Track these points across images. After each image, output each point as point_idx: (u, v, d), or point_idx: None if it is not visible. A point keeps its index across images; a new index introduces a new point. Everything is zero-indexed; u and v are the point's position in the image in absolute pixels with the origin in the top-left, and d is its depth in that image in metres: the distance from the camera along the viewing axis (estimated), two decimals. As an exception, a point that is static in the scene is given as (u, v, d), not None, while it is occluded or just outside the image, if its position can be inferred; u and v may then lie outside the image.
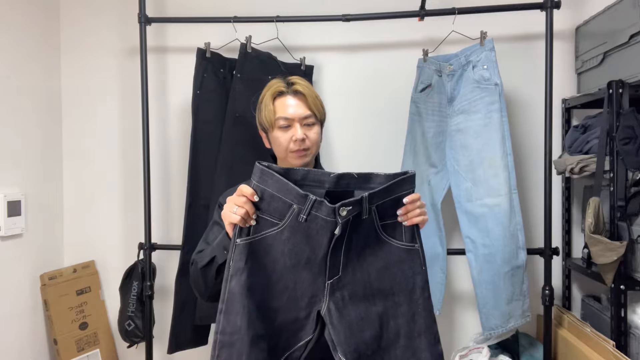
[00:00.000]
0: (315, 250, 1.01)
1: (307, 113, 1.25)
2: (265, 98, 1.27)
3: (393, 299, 1.06)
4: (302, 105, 1.25)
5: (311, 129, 1.26)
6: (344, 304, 1.03)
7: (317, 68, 2.09)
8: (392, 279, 1.05)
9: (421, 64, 1.92)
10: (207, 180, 1.91)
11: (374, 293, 1.05)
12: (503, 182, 1.76)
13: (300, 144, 1.23)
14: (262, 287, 1.02)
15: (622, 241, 1.51)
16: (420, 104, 1.91)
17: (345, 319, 1.02)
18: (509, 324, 1.75)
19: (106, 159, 2.23)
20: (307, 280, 1.03)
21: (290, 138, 1.23)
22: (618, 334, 1.56)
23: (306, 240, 1.01)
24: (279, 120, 1.24)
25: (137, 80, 2.08)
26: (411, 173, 1.04)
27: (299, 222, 0.99)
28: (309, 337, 1.04)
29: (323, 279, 1.03)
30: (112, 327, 2.22)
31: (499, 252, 1.75)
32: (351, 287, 1.04)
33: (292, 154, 1.24)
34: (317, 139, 1.28)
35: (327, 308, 1.02)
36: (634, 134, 1.52)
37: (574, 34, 2.01)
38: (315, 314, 1.04)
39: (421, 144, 1.91)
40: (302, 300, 1.03)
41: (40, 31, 2.11)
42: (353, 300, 1.04)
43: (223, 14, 2.00)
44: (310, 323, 1.04)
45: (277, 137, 1.25)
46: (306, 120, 1.25)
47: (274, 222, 1.01)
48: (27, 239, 2.00)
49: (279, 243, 1.02)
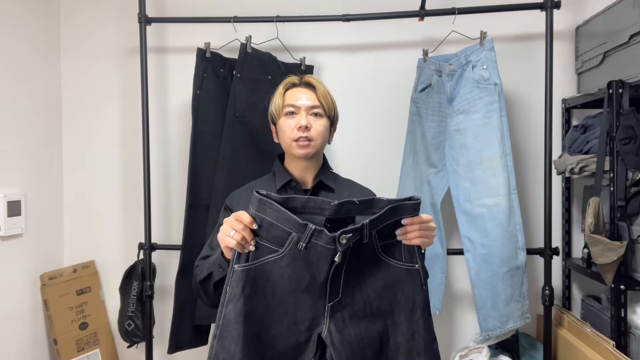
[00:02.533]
0: (315, 277, 1.01)
1: (315, 103, 1.27)
2: (278, 89, 1.32)
3: (393, 318, 1.07)
4: (311, 95, 1.28)
5: (317, 120, 1.27)
6: (344, 324, 1.03)
7: (317, 68, 2.09)
8: (392, 298, 1.06)
9: (421, 64, 1.92)
10: (207, 180, 1.91)
11: (373, 312, 1.06)
12: (502, 182, 1.76)
13: (303, 131, 1.23)
14: (261, 313, 1.02)
15: (622, 241, 1.51)
16: (420, 104, 1.91)
17: (346, 339, 1.03)
18: (508, 325, 1.75)
19: (106, 159, 2.23)
20: (307, 304, 1.03)
21: (295, 125, 1.25)
22: (618, 334, 1.56)
23: (306, 267, 1.01)
24: (286, 107, 1.27)
25: (137, 80, 2.08)
26: (416, 200, 1.03)
27: (299, 249, 0.99)
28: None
29: (323, 302, 1.03)
30: (112, 327, 2.22)
31: (498, 252, 1.75)
32: (351, 308, 1.04)
33: (295, 143, 1.25)
34: (323, 131, 1.27)
35: (327, 330, 1.03)
36: (634, 134, 1.52)
37: (574, 34, 2.01)
38: (316, 337, 1.04)
39: (421, 144, 1.91)
40: (302, 325, 1.04)
41: (40, 31, 2.11)
42: (353, 320, 1.04)
43: (223, 14, 2.00)
44: (311, 347, 1.04)
45: (282, 125, 1.27)
46: (313, 109, 1.26)
47: (273, 248, 1.01)
48: (27, 239, 2.00)
49: (279, 269, 1.01)
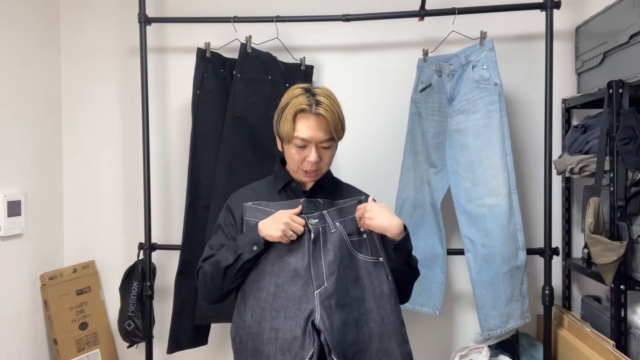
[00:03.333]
0: (297, 260, 1.18)
1: (326, 137, 1.22)
2: (287, 111, 1.21)
3: (365, 306, 1.20)
4: (322, 128, 1.21)
5: (326, 152, 1.25)
6: (331, 311, 1.14)
7: (317, 68, 2.09)
8: (363, 288, 1.21)
9: (421, 64, 1.92)
10: (207, 180, 1.91)
11: (351, 301, 1.19)
12: (502, 182, 1.75)
13: (312, 166, 1.23)
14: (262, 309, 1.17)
15: (622, 241, 1.51)
16: (420, 104, 1.91)
17: (333, 325, 1.13)
18: (508, 324, 1.75)
19: (106, 159, 2.23)
20: (298, 295, 1.16)
21: (304, 158, 1.22)
22: (618, 334, 1.56)
23: (288, 251, 1.19)
24: (296, 139, 1.21)
25: (137, 80, 2.08)
26: (364, 197, 1.29)
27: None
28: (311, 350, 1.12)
29: (312, 289, 1.16)
30: (112, 327, 2.22)
31: (498, 252, 1.75)
32: (335, 296, 1.16)
33: (303, 172, 1.25)
34: (330, 158, 1.28)
35: (320, 316, 1.13)
36: (634, 134, 1.52)
37: (574, 34, 2.01)
38: (311, 326, 1.13)
39: (421, 144, 1.91)
40: (297, 318, 1.14)
41: (40, 31, 2.11)
42: (337, 308, 1.16)
43: (223, 14, 2.00)
44: (308, 339, 1.13)
45: (292, 154, 1.24)
46: (323, 143, 1.23)
47: None
48: (27, 239, 2.00)
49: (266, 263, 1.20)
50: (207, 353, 2.12)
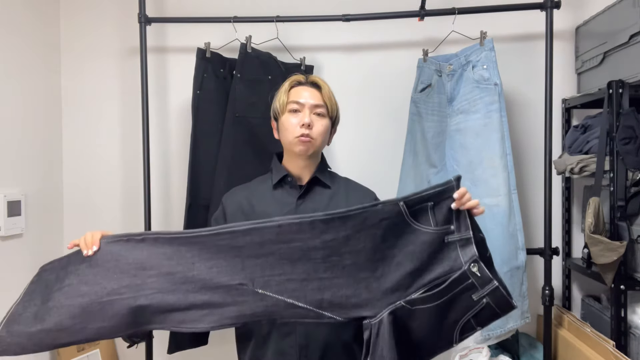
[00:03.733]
0: (424, 271, 1.09)
1: (319, 103, 1.28)
2: (283, 86, 1.32)
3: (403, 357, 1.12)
4: (316, 95, 1.28)
5: (320, 120, 1.28)
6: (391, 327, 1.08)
7: (317, 68, 2.09)
8: (419, 349, 1.14)
9: (421, 64, 1.92)
10: (207, 180, 1.91)
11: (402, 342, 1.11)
12: (502, 182, 1.75)
13: (306, 128, 1.24)
14: (363, 246, 1.09)
15: (622, 241, 1.51)
16: (420, 104, 1.91)
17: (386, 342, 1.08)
18: (508, 324, 1.75)
19: (106, 159, 2.23)
20: (390, 284, 1.09)
21: (298, 122, 1.25)
22: (618, 334, 1.56)
23: (429, 256, 1.09)
24: (290, 104, 1.27)
25: (137, 80, 2.08)
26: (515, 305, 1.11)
27: (443, 241, 1.09)
28: (338, 318, 1.08)
29: (399, 296, 1.09)
30: (112, 327, 2.22)
31: (498, 252, 1.74)
32: (405, 327, 1.10)
33: (297, 139, 1.25)
34: (323, 131, 1.28)
35: (380, 321, 1.08)
36: (634, 134, 1.52)
37: (574, 34, 2.01)
38: (362, 315, 1.09)
39: (421, 144, 1.91)
40: (367, 292, 1.09)
41: (40, 31, 2.11)
42: (398, 336, 1.09)
43: (223, 14, 2.00)
44: (350, 313, 1.08)
45: (285, 121, 1.27)
46: (317, 109, 1.27)
47: (430, 221, 1.10)
48: (27, 239, 2.00)
49: (410, 240, 1.10)
50: (207, 353, 2.12)
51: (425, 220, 1.08)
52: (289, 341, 1.20)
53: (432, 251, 1.07)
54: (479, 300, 1.05)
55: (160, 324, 1.12)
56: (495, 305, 1.06)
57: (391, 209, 1.06)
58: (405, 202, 1.07)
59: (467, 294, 1.05)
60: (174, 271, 1.10)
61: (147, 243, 1.11)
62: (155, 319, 1.12)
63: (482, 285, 1.05)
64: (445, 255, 1.07)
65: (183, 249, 1.10)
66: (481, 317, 1.08)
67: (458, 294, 1.05)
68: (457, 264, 1.06)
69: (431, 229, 1.07)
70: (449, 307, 1.07)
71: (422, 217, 1.08)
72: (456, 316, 1.07)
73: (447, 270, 1.06)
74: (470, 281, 1.05)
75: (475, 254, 1.05)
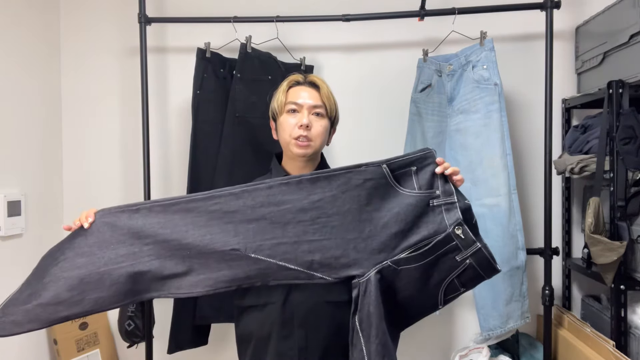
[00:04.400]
0: (409, 232, 1.13)
1: (318, 103, 1.26)
2: (282, 86, 1.31)
3: (392, 317, 1.16)
4: (314, 95, 1.27)
5: (318, 120, 1.26)
6: (380, 287, 1.13)
7: (317, 68, 2.09)
8: (406, 309, 1.19)
9: (421, 64, 1.92)
10: (207, 180, 1.91)
11: (392, 303, 1.16)
12: (502, 182, 1.75)
13: (304, 129, 1.23)
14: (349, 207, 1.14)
15: (622, 241, 1.51)
16: (420, 104, 1.91)
17: (374, 299, 1.12)
18: (508, 325, 1.75)
19: (106, 159, 2.23)
20: (377, 245, 1.13)
21: (296, 123, 1.24)
22: (618, 334, 1.56)
23: (415, 218, 1.13)
24: (288, 105, 1.26)
25: (137, 80, 2.08)
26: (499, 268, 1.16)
27: (428, 204, 1.13)
28: (328, 278, 1.13)
29: (386, 256, 1.13)
30: (112, 327, 2.22)
31: (498, 252, 1.73)
32: (393, 286, 1.15)
33: (295, 141, 1.24)
34: (322, 132, 1.27)
35: (367, 280, 1.12)
36: (634, 134, 1.52)
37: (574, 34, 2.01)
38: (351, 274, 1.13)
39: (421, 144, 1.91)
40: (355, 252, 1.13)
41: (40, 31, 2.11)
42: (384, 293, 1.14)
43: (223, 14, 2.00)
44: (340, 273, 1.13)
45: (283, 122, 1.26)
46: (315, 109, 1.26)
47: (413, 185, 1.14)
48: (27, 239, 2.00)
49: (396, 203, 1.14)
50: (207, 353, 2.12)
51: (409, 184, 1.13)
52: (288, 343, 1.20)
53: (417, 214, 1.12)
54: (463, 261, 1.11)
55: (158, 291, 1.14)
56: (478, 266, 1.11)
57: (374, 170, 1.12)
58: (387, 164, 1.12)
59: (451, 255, 1.11)
60: (169, 239, 1.12)
61: (142, 213, 1.13)
62: (153, 287, 1.14)
63: (466, 247, 1.10)
64: (430, 218, 1.12)
65: (177, 217, 1.12)
66: (465, 277, 1.13)
67: (442, 255, 1.11)
68: (442, 226, 1.11)
69: (415, 192, 1.13)
70: (434, 268, 1.12)
71: (407, 181, 1.13)
72: (440, 276, 1.12)
73: (432, 233, 1.11)
74: (455, 243, 1.10)
75: (459, 218, 1.10)
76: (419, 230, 1.12)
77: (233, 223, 1.12)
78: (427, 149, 1.14)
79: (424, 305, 1.17)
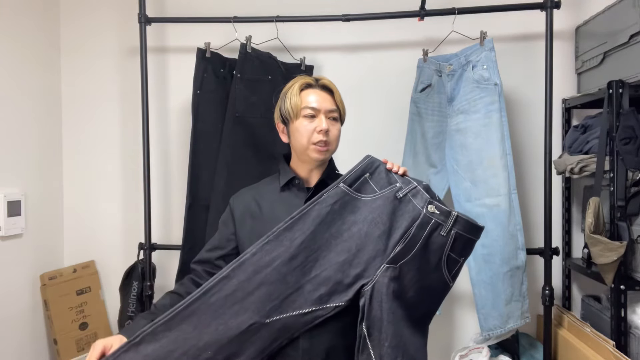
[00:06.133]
0: (391, 230, 1.15)
1: (333, 107, 1.26)
2: (293, 88, 1.27)
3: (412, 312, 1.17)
4: (328, 99, 1.26)
5: (335, 125, 1.26)
6: (387, 291, 1.12)
7: (317, 68, 2.09)
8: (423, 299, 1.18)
9: (421, 64, 1.92)
10: (207, 180, 1.91)
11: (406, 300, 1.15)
12: (502, 182, 1.75)
13: (324, 135, 1.22)
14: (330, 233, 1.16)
15: (622, 241, 1.51)
16: (420, 104, 1.91)
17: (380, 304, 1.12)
18: (508, 324, 1.75)
19: (106, 159, 2.23)
20: (369, 254, 1.14)
21: (314, 129, 1.23)
22: (618, 334, 1.56)
23: (390, 216, 1.16)
24: (305, 109, 1.23)
25: (137, 80, 2.08)
26: (482, 225, 1.18)
27: (396, 197, 1.17)
28: (341, 303, 1.13)
29: (381, 260, 1.14)
30: (112, 327, 2.22)
31: (498, 252, 1.74)
32: (398, 282, 1.13)
33: (314, 146, 1.23)
34: (338, 136, 1.28)
35: (372, 286, 1.12)
36: (634, 134, 1.52)
37: (574, 34, 2.01)
38: (359, 286, 1.13)
39: (421, 144, 1.91)
40: (354, 268, 1.14)
41: (40, 32, 2.11)
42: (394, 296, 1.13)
43: (223, 14, 2.00)
44: (349, 293, 1.13)
45: (300, 127, 1.24)
46: (331, 114, 1.25)
47: (374, 189, 1.19)
48: (27, 239, 2.00)
49: (367, 210, 1.17)
50: (207, 353, 2.12)
51: (370, 190, 1.19)
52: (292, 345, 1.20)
53: (390, 211, 1.16)
54: (448, 234, 1.14)
55: None
56: (464, 232, 1.14)
57: (335, 192, 1.17)
58: (343, 182, 1.18)
59: (436, 233, 1.14)
60: (186, 350, 1.09)
61: (147, 341, 1.09)
62: None
63: (445, 220, 1.14)
64: (403, 209, 1.16)
65: (184, 326, 1.11)
66: (458, 247, 1.15)
67: (428, 237, 1.13)
68: (416, 211, 1.15)
69: (378, 194, 1.18)
70: (427, 251, 1.14)
71: (366, 189, 1.19)
72: (437, 256, 1.15)
73: (411, 221, 1.15)
74: (433, 221, 1.14)
75: (427, 197, 1.16)
76: (399, 224, 1.15)
77: (238, 302, 1.12)
78: (367, 156, 1.23)
79: (435, 289, 1.19)
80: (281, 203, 1.26)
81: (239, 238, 1.26)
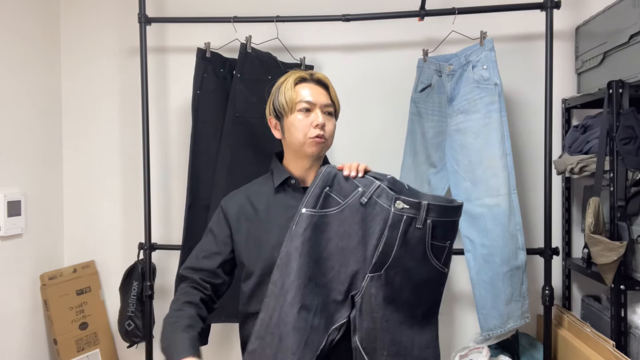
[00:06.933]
0: (366, 237, 1.12)
1: (329, 102, 1.24)
2: (287, 82, 1.24)
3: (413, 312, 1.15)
4: (324, 93, 1.24)
5: (330, 120, 1.25)
6: (376, 301, 1.11)
7: (317, 68, 2.09)
8: (422, 294, 1.16)
9: (421, 64, 1.92)
10: (207, 180, 1.91)
11: (402, 302, 1.14)
12: (502, 182, 1.75)
13: (320, 128, 1.20)
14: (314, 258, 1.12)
15: (622, 241, 1.51)
16: (420, 104, 1.91)
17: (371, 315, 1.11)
18: (508, 324, 1.75)
19: (106, 159, 2.23)
20: (351, 267, 1.12)
21: (310, 123, 1.20)
22: (618, 334, 1.56)
23: (361, 223, 1.12)
24: (300, 103, 1.21)
25: (137, 80, 2.08)
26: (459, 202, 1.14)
27: (360, 203, 1.13)
28: (344, 320, 1.12)
29: (364, 271, 1.12)
30: (112, 327, 2.22)
31: (498, 252, 1.74)
32: (389, 290, 1.11)
33: (311, 140, 1.20)
34: (334, 131, 1.26)
35: (360, 296, 1.11)
36: (634, 134, 1.52)
37: (574, 34, 2.01)
38: (350, 298, 1.13)
39: (421, 144, 1.91)
40: (341, 285, 1.13)
41: (40, 31, 2.11)
42: (387, 302, 1.12)
43: (223, 14, 2.00)
44: (346, 307, 1.13)
45: (295, 122, 1.21)
46: (327, 108, 1.23)
47: (338, 200, 1.15)
48: (27, 239, 2.00)
49: (336, 222, 1.13)
50: (207, 353, 2.12)
51: (334, 202, 1.15)
52: None
53: (359, 219, 1.13)
54: (424, 225, 1.10)
55: None
56: (440, 217, 1.10)
57: (303, 219, 1.13)
58: (304, 206, 1.14)
59: (412, 228, 1.10)
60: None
61: None
62: None
63: (416, 212, 1.09)
64: (372, 213, 1.12)
65: None
66: (439, 234, 1.11)
67: (404, 234, 1.09)
68: (385, 212, 1.11)
69: (343, 204, 1.14)
70: (408, 248, 1.10)
71: (331, 202, 1.15)
72: (419, 250, 1.11)
73: (383, 224, 1.11)
74: (405, 217, 1.09)
75: (392, 195, 1.11)
76: (372, 229, 1.12)
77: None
78: (321, 169, 1.18)
79: (431, 280, 1.16)
80: (277, 205, 1.23)
81: (236, 241, 1.24)
